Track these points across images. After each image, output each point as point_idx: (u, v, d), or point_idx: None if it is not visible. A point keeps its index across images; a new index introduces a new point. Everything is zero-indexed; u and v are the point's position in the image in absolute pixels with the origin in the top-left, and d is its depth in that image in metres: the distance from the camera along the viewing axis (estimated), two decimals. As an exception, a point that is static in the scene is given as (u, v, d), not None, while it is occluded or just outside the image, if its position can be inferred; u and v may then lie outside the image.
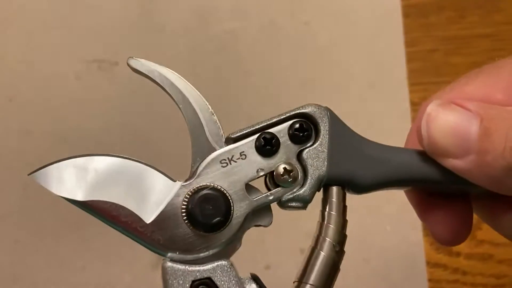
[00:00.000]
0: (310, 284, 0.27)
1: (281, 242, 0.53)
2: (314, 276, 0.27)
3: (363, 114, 0.57)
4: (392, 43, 0.59)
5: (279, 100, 0.57)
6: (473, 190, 0.29)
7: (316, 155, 0.28)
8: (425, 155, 0.29)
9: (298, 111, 0.29)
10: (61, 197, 0.27)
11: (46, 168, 0.27)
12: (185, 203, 0.27)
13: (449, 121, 0.27)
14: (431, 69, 0.58)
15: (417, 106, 0.57)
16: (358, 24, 0.59)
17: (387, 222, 0.54)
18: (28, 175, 0.27)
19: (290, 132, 0.29)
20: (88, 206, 0.27)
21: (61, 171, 0.27)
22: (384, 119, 0.56)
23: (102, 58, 0.57)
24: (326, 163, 0.28)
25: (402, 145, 0.56)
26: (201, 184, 0.27)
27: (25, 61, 0.57)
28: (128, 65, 0.28)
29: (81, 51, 0.57)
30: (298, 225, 0.53)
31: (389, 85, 0.58)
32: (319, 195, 0.29)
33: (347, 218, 0.29)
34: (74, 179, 0.27)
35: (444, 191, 0.31)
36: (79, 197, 0.27)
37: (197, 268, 0.27)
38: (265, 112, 0.55)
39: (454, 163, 0.27)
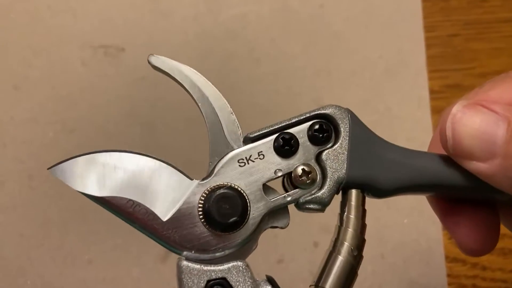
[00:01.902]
0: None
1: (294, 236, 0.53)
2: (331, 280, 0.27)
3: (380, 102, 0.56)
4: (410, 28, 0.58)
5: (291, 88, 0.57)
6: (498, 197, 0.29)
7: (336, 157, 0.29)
8: (448, 160, 0.29)
9: (318, 112, 0.29)
10: (79, 192, 0.28)
11: (65, 163, 0.28)
12: (202, 202, 0.28)
13: (475, 122, 0.27)
14: (451, 55, 0.58)
15: (436, 94, 0.56)
16: (375, 8, 0.59)
17: (404, 215, 0.54)
18: (48, 169, 0.28)
19: (310, 133, 0.29)
20: (105, 202, 0.28)
21: (80, 167, 0.28)
22: (402, 107, 0.56)
23: (108, 44, 0.57)
24: (345, 165, 0.28)
25: (419, 135, 0.55)
26: (218, 183, 0.28)
27: (29, 47, 0.57)
28: (149, 62, 0.29)
29: (87, 36, 0.57)
30: (312, 218, 0.53)
31: (407, 72, 0.57)
32: (337, 198, 0.29)
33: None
34: (92, 174, 0.28)
35: (469, 198, 0.31)
36: (97, 192, 0.28)
37: (212, 268, 0.28)
38: (277, 101, 0.56)
39: (478, 167, 0.27)
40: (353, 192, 0.29)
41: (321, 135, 0.29)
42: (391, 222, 0.54)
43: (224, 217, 0.27)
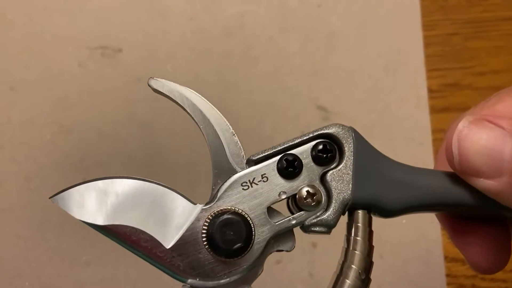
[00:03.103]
0: None
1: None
2: None
3: (378, 101, 0.56)
4: (409, 27, 0.58)
5: (289, 87, 0.56)
6: (507, 214, 0.29)
7: (341, 178, 0.28)
8: (455, 177, 0.28)
9: (321, 132, 0.29)
10: (82, 221, 0.28)
11: (67, 191, 0.28)
12: (206, 228, 0.27)
13: (482, 139, 0.26)
14: (450, 54, 0.58)
15: (435, 93, 0.56)
16: (373, 7, 0.58)
17: (403, 215, 0.53)
18: (50, 198, 0.28)
19: (313, 153, 0.28)
20: (108, 231, 0.27)
21: (82, 195, 0.27)
22: (400, 107, 0.56)
23: (105, 45, 0.57)
24: (351, 186, 0.28)
25: (417, 134, 0.55)
26: (222, 208, 0.28)
27: (26, 48, 0.57)
28: (149, 85, 0.29)
29: (83, 37, 0.57)
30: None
31: (405, 71, 0.57)
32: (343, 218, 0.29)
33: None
34: (94, 203, 0.27)
35: (478, 216, 0.31)
36: (100, 221, 0.27)
37: None
38: (275, 100, 0.55)
39: (485, 184, 0.26)
40: (360, 213, 0.28)
41: (325, 156, 0.28)
42: (390, 222, 0.53)
43: (229, 243, 0.27)
